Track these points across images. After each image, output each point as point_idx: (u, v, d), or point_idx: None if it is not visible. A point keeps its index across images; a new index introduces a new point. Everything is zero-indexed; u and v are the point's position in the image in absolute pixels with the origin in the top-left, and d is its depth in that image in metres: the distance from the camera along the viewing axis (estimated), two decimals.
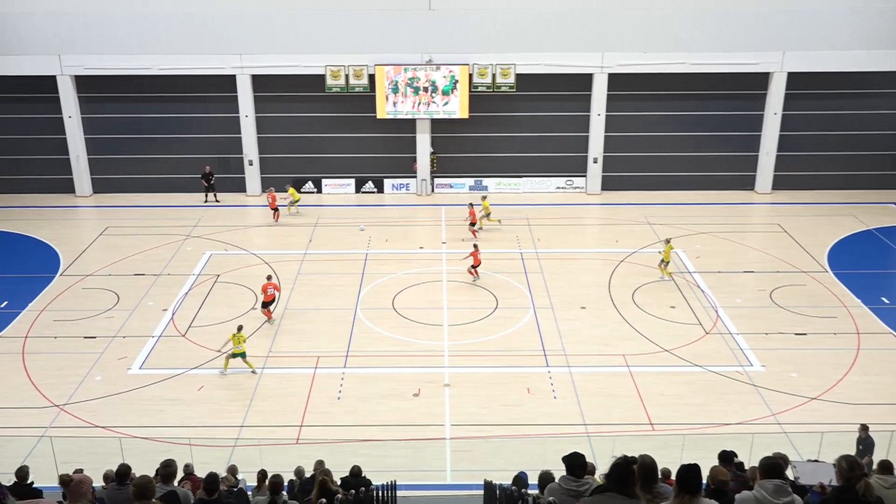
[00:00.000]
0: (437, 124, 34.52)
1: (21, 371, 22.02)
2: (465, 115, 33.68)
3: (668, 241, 26.82)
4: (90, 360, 22.49)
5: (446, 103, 33.55)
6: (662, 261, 26.63)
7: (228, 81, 33.66)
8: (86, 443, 18.39)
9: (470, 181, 35.39)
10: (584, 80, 33.79)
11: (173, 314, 25.00)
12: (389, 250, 29.35)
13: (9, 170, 35.17)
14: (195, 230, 31.12)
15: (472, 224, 30.13)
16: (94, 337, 23.60)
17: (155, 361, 22.44)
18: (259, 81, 33.82)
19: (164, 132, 34.63)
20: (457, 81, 33.19)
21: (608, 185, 35.34)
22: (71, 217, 33.25)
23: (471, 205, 30.65)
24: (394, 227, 31.52)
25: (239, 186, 35.16)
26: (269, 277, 24.77)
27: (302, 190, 35.22)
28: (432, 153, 34.82)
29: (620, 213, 33.03)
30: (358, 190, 35.30)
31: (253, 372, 21.58)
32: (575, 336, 23.44)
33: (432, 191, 35.35)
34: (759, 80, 33.66)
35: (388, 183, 35.37)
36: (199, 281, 27.03)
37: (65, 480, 9.99)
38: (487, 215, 30.84)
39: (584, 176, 35.30)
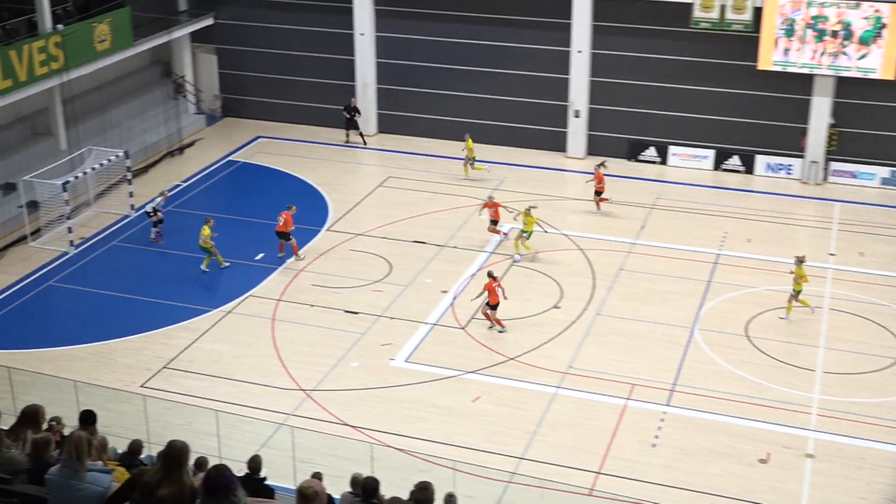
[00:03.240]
0: (844, 85, 32.76)
1: (268, 340, 24.28)
2: (889, 76, 31.61)
3: (527, 212, 27.63)
4: (348, 340, 24.22)
5: (863, 56, 31.69)
6: (523, 231, 27.54)
7: (562, 1, 34.38)
8: (330, 442, 19.89)
9: (883, 171, 33.22)
10: None
11: (454, 299, 26.15)
12: (751, 254, 28.48)
13: (290, 93, 38.54)
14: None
15: (600, 193, 31.17)
16: (357, 313, 25.37)
17: (424, 355, 23.66)
18: (601, 5, 34.18)
19: (473, 63, 36.14)
20: (884, 26, 31.20)
21: None
22: (349, 159, 35.94)
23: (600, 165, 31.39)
24: (762, 222, 30.52)
25: (557, 144, 35.87)
26: (288, 206, 27.99)
27: (640, 158, 35.13)
28: (832, 125, 33.15)
29: None
30: (717, 166, 34.56)
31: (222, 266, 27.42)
32: None
33: (824, 179, 33.68)
34: None
35: (760, 161, 34.27)
36: (492, 261, 28.01)
37: (307, 495, 10.69)
38: (472, 161, 32.79)
39: None
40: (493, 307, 24.42)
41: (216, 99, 39.74)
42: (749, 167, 34.37)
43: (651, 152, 35.22)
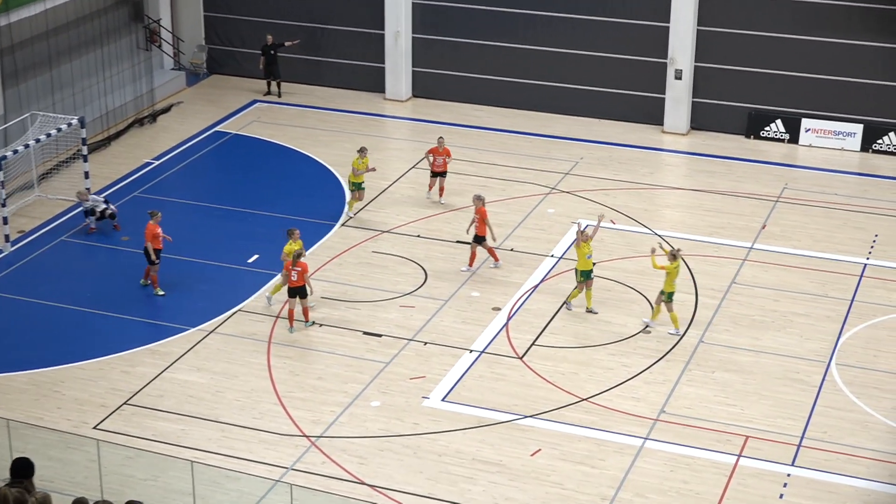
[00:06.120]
0: None
1: (264, 370, 24.38)
2: None
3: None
4: (369, 371, 24.25)
5: None
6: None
7: None
8: None
9: None
10: None
11: (509, 319, 26.14)
12: None
13: (306, 47, 38.72)
14: (566, 180, 32.22)
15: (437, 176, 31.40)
16: (380, 336, 25.43)
17: (468, 393, 23.62)
18: None
19: (539, 6, 36.10)
20: None
21: None
22: (374, 132, 36.01)
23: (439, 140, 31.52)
24: None
25: (652, 114, 35.75)
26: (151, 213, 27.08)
27: (763, 134, 34.88)
28: None
29: None
30: (867, 146, 34.30)
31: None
32: None
33: None
34: None
35: None
36: (560, 269, 27.98)
37: None
38: (356, 187, 30.50)
39: None
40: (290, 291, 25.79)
41: (200, 51, 40.08)
42: None
43: (777, 127, 35.02)
